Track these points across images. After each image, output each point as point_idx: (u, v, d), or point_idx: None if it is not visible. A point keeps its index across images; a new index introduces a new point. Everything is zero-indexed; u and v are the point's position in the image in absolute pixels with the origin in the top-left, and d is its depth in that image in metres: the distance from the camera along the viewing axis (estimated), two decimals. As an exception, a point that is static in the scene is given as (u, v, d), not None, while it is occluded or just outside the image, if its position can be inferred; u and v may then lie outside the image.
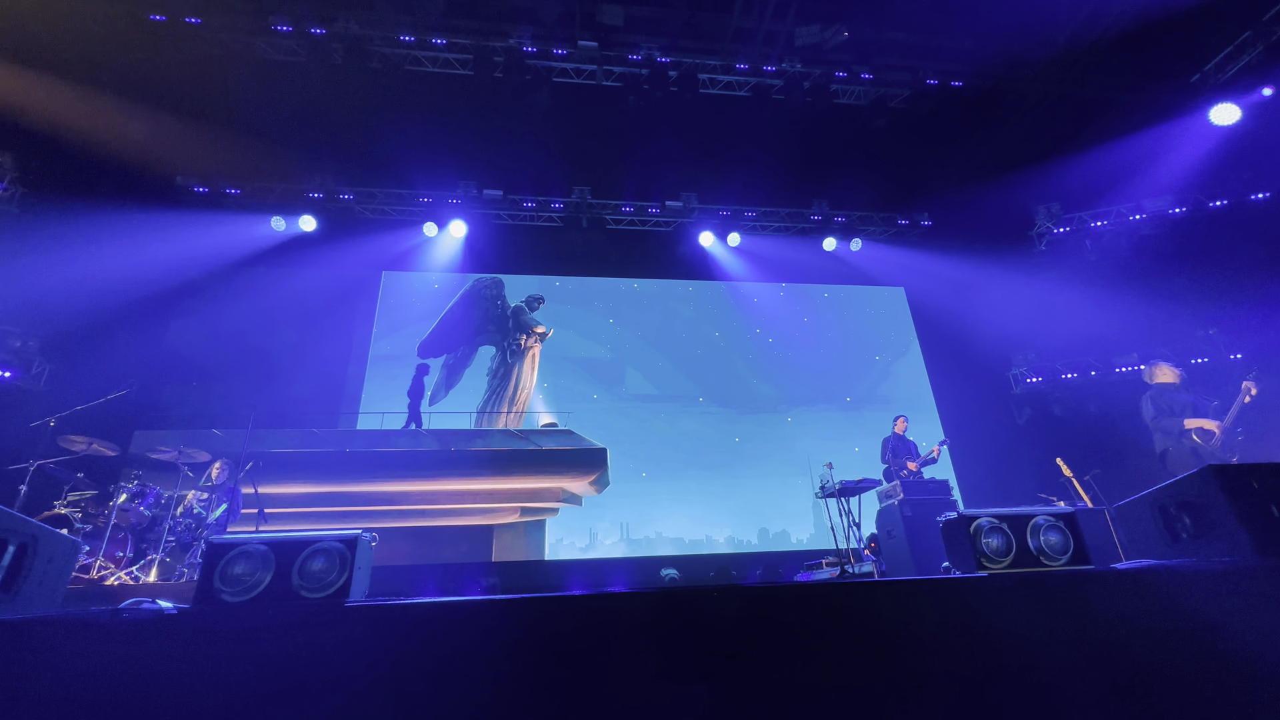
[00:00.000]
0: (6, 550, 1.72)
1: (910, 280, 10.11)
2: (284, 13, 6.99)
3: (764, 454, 8.71)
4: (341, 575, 1.76)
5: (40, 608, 1.87)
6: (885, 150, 8.89)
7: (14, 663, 1.48)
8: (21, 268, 7.21)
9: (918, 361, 9.65)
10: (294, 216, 8.61)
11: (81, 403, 5.58)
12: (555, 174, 8.95)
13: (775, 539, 8.09)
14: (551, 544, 7.77)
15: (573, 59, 7.62)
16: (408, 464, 7.63)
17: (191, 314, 8.31)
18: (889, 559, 5.51)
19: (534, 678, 1.58)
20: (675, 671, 1.68)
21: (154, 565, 4.78)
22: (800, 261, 9.90)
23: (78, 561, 2.15)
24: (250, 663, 1.48)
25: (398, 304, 9.19)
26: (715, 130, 8.60)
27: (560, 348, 9.19)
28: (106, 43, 6.86)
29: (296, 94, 7.59)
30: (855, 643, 1.88)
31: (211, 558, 1.75)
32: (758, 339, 9.63)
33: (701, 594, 1.78)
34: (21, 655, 1.48)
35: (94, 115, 7.26)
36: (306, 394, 8.17)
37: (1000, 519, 2.42)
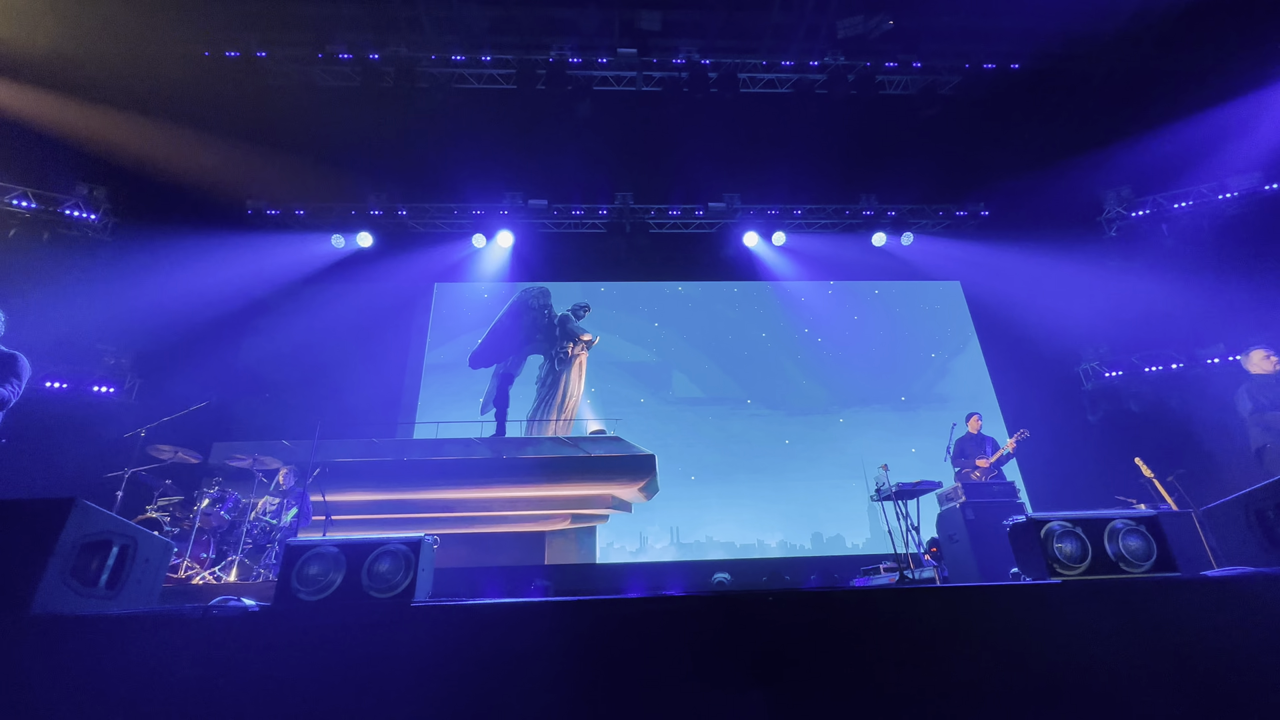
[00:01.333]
0: (111, 551, 1.88)
1: (967, 273, 9.69)
2: (339, 40, 7.37)
3: (815, 456, 8.52)
4: (407, 576, 1.84)
5: (140, 604, 2.03)
6: (937, 140, 8.58)
7: (120, 654, 1.61)
8: (114, 291, 7.84)
9: (977, 358, 9.24)
10: (352, 234, 9.04)
11: (167, 415, 6.01)
12: (598, 181, 9.07)
13: (830, 543, 7.90)
14: (602, 548, 7.83)
15: (613, 66, 7.71)
16: (462, 472, 7.82)
17: (261, 331, 8.82)
18: (951, 565, 5.29)
19: (593, 678, 1.60)
20: (733, 676, 1.67)
21: (234, 566, 5.10)
22: (848, 258, 9.65)
23: (169, 562, 2.32)
24: (327, 658, 1.57)
25: (450, 314, 9.49)
26: (757, 130, 8.52)
27: (606, 353, 9.27)
28: (183, 81, 7.41)
29: (351, 117, 7.98)
30: (918, 651, 1.82)
31: (289, 559, 1.86)
32: (806, 339, 9.45)
33: (757, 598, 1.77)
34: (126, 647, 1.62)
35: (173, 148, 7.84)
36: (366, 404, 8.54)
37: (1074, 523, 2.29)
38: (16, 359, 3.28)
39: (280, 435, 7.12)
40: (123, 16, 6.94)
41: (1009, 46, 7.70)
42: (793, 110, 8.17)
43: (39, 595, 1.67)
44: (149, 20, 7.04)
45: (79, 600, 1.80)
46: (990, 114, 8.26)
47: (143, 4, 6.89)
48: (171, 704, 1.54)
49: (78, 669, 1.58)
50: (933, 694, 1.74)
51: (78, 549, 1.80)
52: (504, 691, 1.56)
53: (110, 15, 6.88)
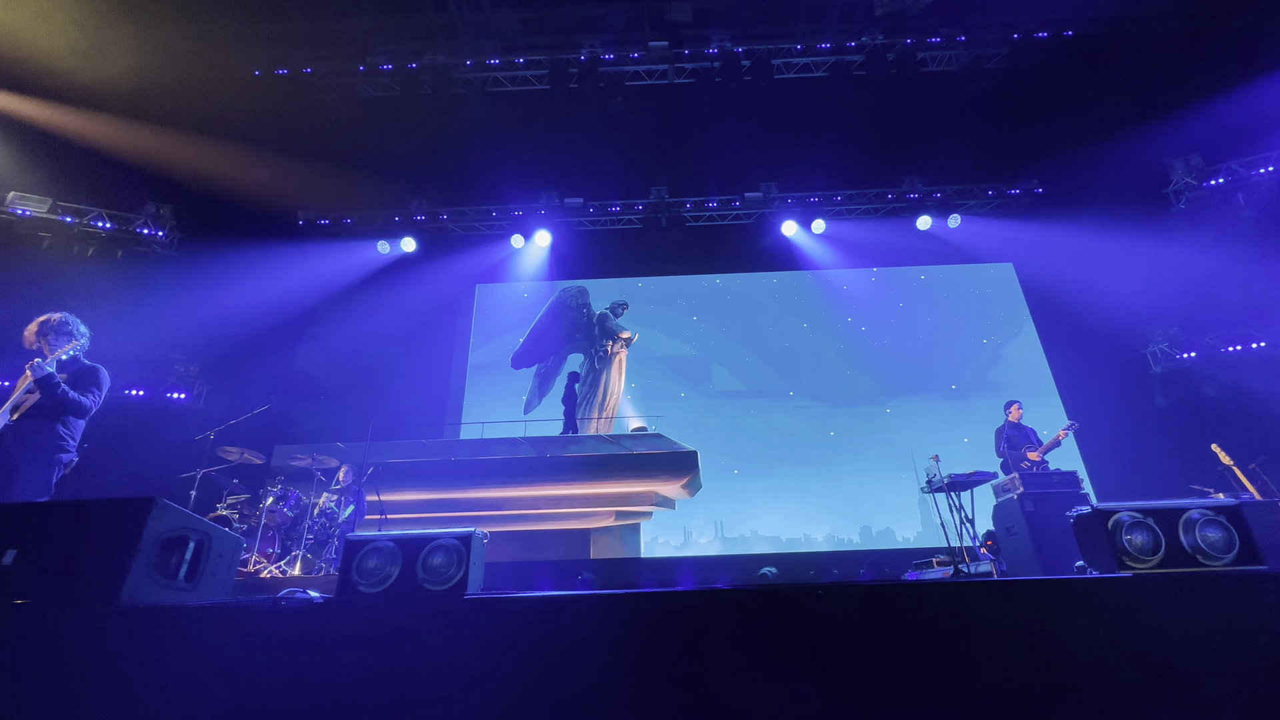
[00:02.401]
0: (188, 546, 2.01)
1: (1020, 254, 9.26)
2: (380, 52, 7.59)
3: (862, 448, 8.33)
4: (460, 570, 1.89)
5: (216, 595, 2.16)
6: (983, 117, 8.21)
7: (198, 641, 1.72)
8: (181, 303, 8.33)
9: (1032, 342, 8.83)
10: (396, 239, 9.33)
11: (233, 418, 6.36)
12: (633, 176, 9.07)
13: (879, 537, 7.72)
14: (646, 543, 7.87)
15: (644, 61, 7.69)
16: (507, 471, 7.92)
17: (314, 338, 9.21)
18: (1010, 558, 5.09)
19: (643, 670, 1.62)
20: (782, 670, 1.65)
21: (298, 560, 5.36)
22: (891, 244, 9.36)
23: (240, 556, 2.46)
24: (387, 648, 1.64)
25: (491, 314, 9.69)
26: (792, 116, 8.34)
27: (646, 348, 9.29)
28: (237, 101, 7.79)
29: (393, 126, 8.22)
30: (976, 647, 1.76)
31: (349, 553, 1.94)
32: (849, 328, 9.23)
33: (805, 591, 1.74)
34: (203, 636, 1.73)
35: (229, 165, 8.26)
36: (415, 406, 8.82)
37: (1145, 513, 2.17)
38: (98, 371, 3.52)
39: (335, 438, 7.40)
40: (180, 44, 7.33)
41: (1062, 13, 7.29)
42: (829, 94, 7.96)
43: (126, 588, 1.80)
44: (203, 45, 7.43)
45: (161, 592, 1.93)
46: (1041, 86, 7.85)
47: (197, 31, 7.27)
48: (245, 689, 1.64)
49: (162, 656, 1.69)
50: (993, 691, 1.68)
51: (159, 544, 1.93)
52: (556, 681, 1.59)
53: (168, 43, 7.29)
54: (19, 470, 3.11)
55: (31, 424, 3.20)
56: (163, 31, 7.18)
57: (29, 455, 3.16)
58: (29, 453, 3.16)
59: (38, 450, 3.19)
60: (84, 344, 3.54)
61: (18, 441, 3.15)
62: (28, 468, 3.14)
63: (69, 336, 3.45)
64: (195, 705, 1.61)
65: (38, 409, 3.21)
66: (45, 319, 3.43)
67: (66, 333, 3.45)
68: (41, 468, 3.18)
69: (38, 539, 1.88)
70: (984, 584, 1.92)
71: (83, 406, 3.33)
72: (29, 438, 3.18)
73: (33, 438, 3.19)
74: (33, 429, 3.20)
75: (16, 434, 3.15)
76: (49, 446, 3.23)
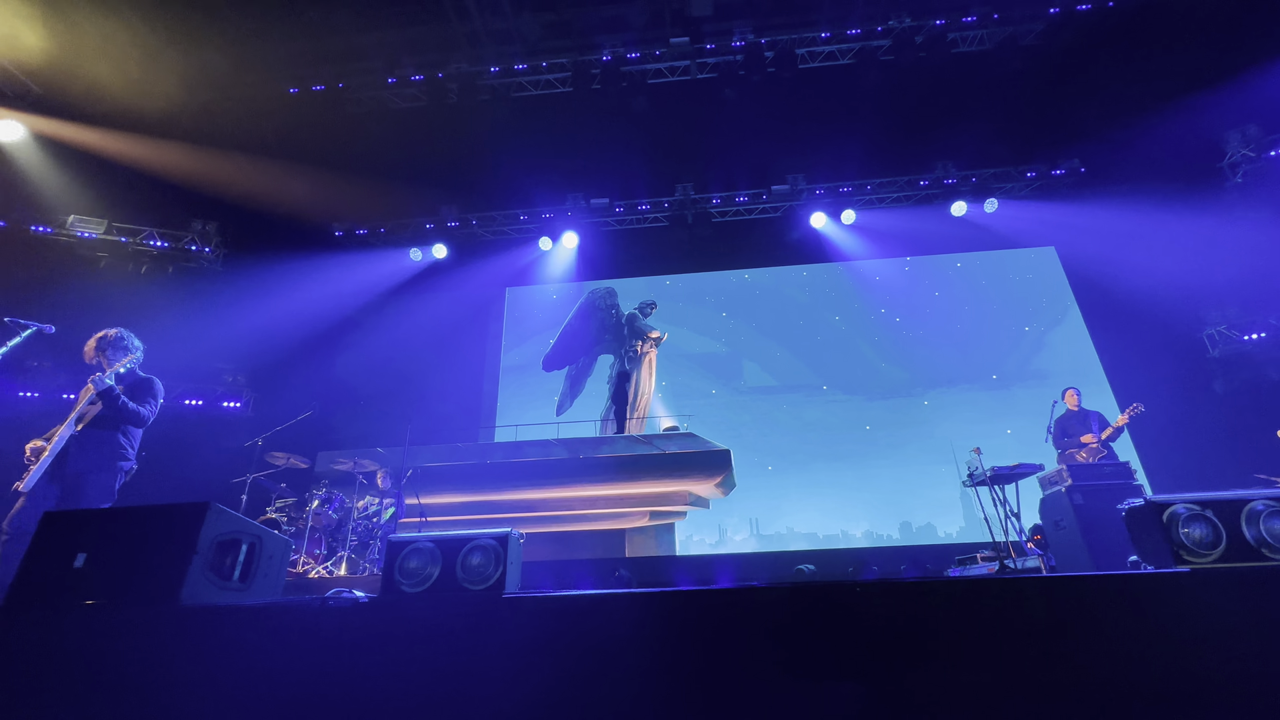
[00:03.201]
0: (241, 548, 2.10)
1: (1062, 238, 8.90)
2: (407, 64, 7.76)
3: (900, 441, 8.14)
4: (497, 569, 1.93)
5: (267, 595, 2.25)
6: (1019, 96, 7.92)
7: (251, 639, 1.80)
8: (228, 315, 8.69)
9: (1078, 329, 8.48)
10: (428, 246, 9.53)
11: (277, 425, 6.60)
12: (658, 174, 9.06)
13: (919, 533, 7.54)
14: (681, 541, 7.86)
15: (665, 58, 7.67)
16: (541, 473, 7.96)
17: (351, 346, 9.48)
18: (1058, 553, 4.90)
19: (681, 668, 1.62)
20: (822, 667, 1.63)
21: (343, 561, 5.54)
22: (925, 232, 9.11)
23: (289, 557, 2.56)
24: (429, 645, 1.68)
25: (522, 317, 9.82)
26: (819, 106, 8.20)
27: (676, 345, 9.27)
28: (273, 119, 8.08)
29: (422, 135, 8.40)
30: (1024, 644, 1.71)
31: (391, 554, 2.00)
32: (883, 319, 9.03)
33: (844, 588, 1.72)
34: (256, 633, 1.81)
35: (268, 181, 8.56)
36: (450, 409, 8.99)
37: (1203, 504, 2.06)
38: (153, 382, 3.71)
39: (374, 443, 7.56)
40: (220, 67, 7.64)
41: (1100, -17, 6.98)
42: (856, 82, 7.80)
43: (185, 588, 1.89)
44: (241, 67, 7.72)
45: (217, 592, 2.02)
46: (1080, 61, 7.53)
47: (235, 54, 7.56)
48: (297, 685, 1.70)
49: (218, 653, 1.78)
50: (1042, 691, 1.63)
51: (214, 547, 2.02)
52: (594, 678, 1.61)
53: (209, 67, 7.60)
54: (85, 477, 3.30)
55: (95, 434, 3.39)
56: (203, 56, 7.49)
57: (94, 463, 3.35)
58: (94, 461, 3.35)
59: (102, 458, 3.38)
60: (139, 356, 3.73)
61: (83, 450, 3.34)
62: (93, 475, 3.33)
63: (125, 350, 3.64)
64: (250, 700, 1.68)
65: (100, 419, 3.40)
66: (103, 335, 3.63)
67: (123, 347, 3.64)
68: (105, 475, 3.37)
69: (104, 543, 1.99)
70: (1032, 580, 1.85)
71: (140, 416, 3.52)
72: (93, 447, 3.37)
73: (97, 447, 3.38)
74: (97, 438, 3.39)
75: (82, 443, 3.35)
76: (112, 455, 3.42)
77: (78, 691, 1.74)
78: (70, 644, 1.81)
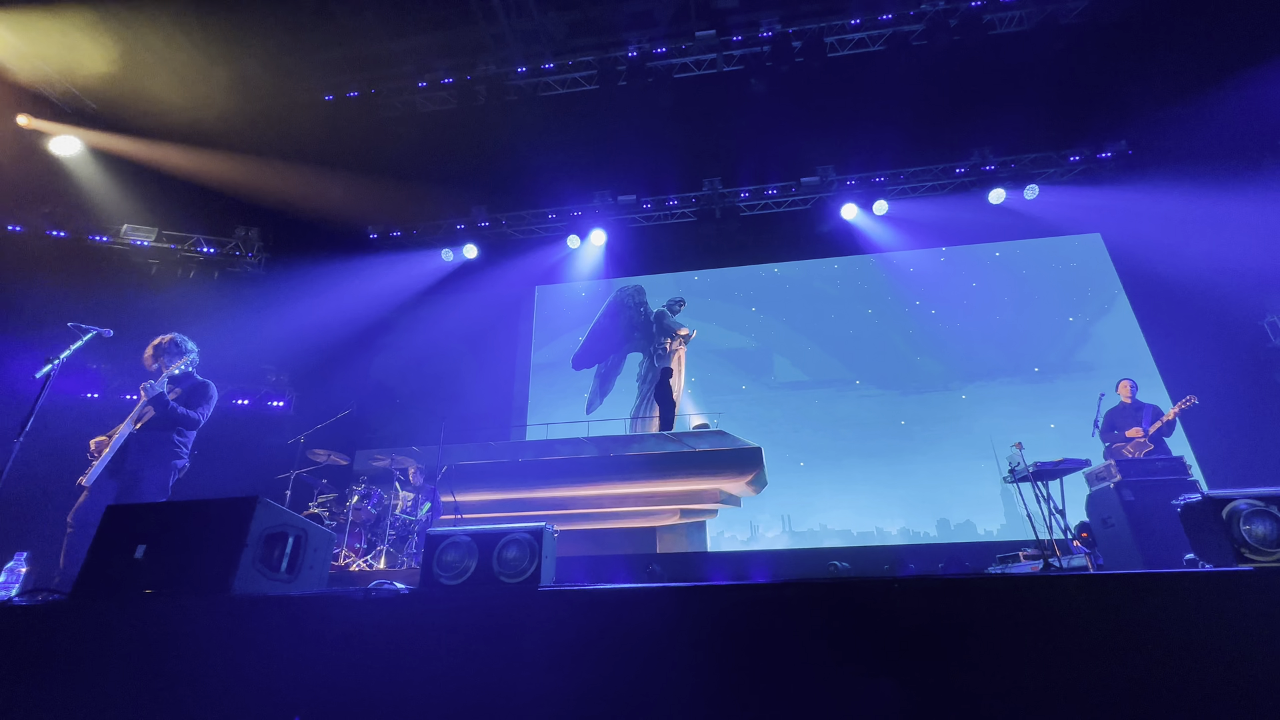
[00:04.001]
0: (288, 541, 2.18)
1: (1109, 223, 8.52)
2: (437, 68, 7.89)
3: (936, 437, 7.95)
4: (532, 563, 1.96)
5: (313, 586, 2.34)
6: (1060, 77, 7.62)
7: (299, 627, 1.87)
8: (270, 318, 9.00)
9: (1126, 318, 8.12)
10: (458, 247, 9.69)
11: (318, 423, 6.81)
12: (685, 169, 9.01)
13: (958, 530, 7.35)
14: (712, 537, 7.83)
15: (691, 51, 7.62)
16: (572, 471, 7.97)
17: (387, 346, 9.71)
18: (1107, 551, 4.72)
19: (715, 663, 1.62)
20: (859, 664, 1.61)
21: (382, 554, 5.70)
22: (961, 221, 8.84)
23: (332, 551, 2.64)
24: (468, 636, 1.72)
25: (551, 315, 9.91)
26: (848, 95, 8.03)
27: (705, 341, 9.23)
28: (309, 126, 8.31)
29: (450, 138, 8.54)
30: (1069, 646, 1.65)
31: (429, 547, 2.05)
32: (918, 312, 8.81)
33: (882, 585, 1.69)
34: (304, 621, 1.87)
35: (306, 187, 8.84)
36: (483, 408, 9.13)
37: (1267, 500, 1.96)
38: (208, 386, 3.88)
39: (410, 442, 7.70)
40: (259, 78, 7.90)
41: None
42: (887, 69, 7.61)
43: (237, 579, 1.98)
44: (278, 77, 7.97)
45: (266, 582, 2.10)
46: (1127, 38, 7.19)
47: (273, 64, 7.80)
48: (343, 671, 1.76)
49: (268, 641, 1.85)
50: (1089, 692, 1.57)
51: (263, 540, 2.11)
52: (629, 671, 1.62)
53: (249, 78, 7.86)
54: (142, 474, 3.48)
55: (151, 434, 3.57)
56: (244, 69, 7.76)
57: (151, 461, 3.53)
58: (150, 459, 3.53)
59: (157, 457, 3.56)
60: (194, 359, 3.91)
61: (141, 450, 3.52)
62: (150, 472, 3.50)
63: (180, 354, 3.83)
64: (299, 686, 1.74)
65: (156, 420, 3.58)
66: (158, 341, 3.82)
67: (177, 351, 3.83)
68: (161, 472, 3.54)
69: (162, 535, 2.09)
70: (1078, 578, 1.79)
71: (191, 420, 3.69)
72: (150, 447, 3.55)
73: (153, 446, 3.56)
74: (153, 439, 3.57)
75: (140, 443, 3.53)
76: (167, 454, 3.59)
77: (139, 675, 1.83)
78: (132, 630, 1.91)
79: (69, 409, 7.78)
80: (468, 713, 1.63)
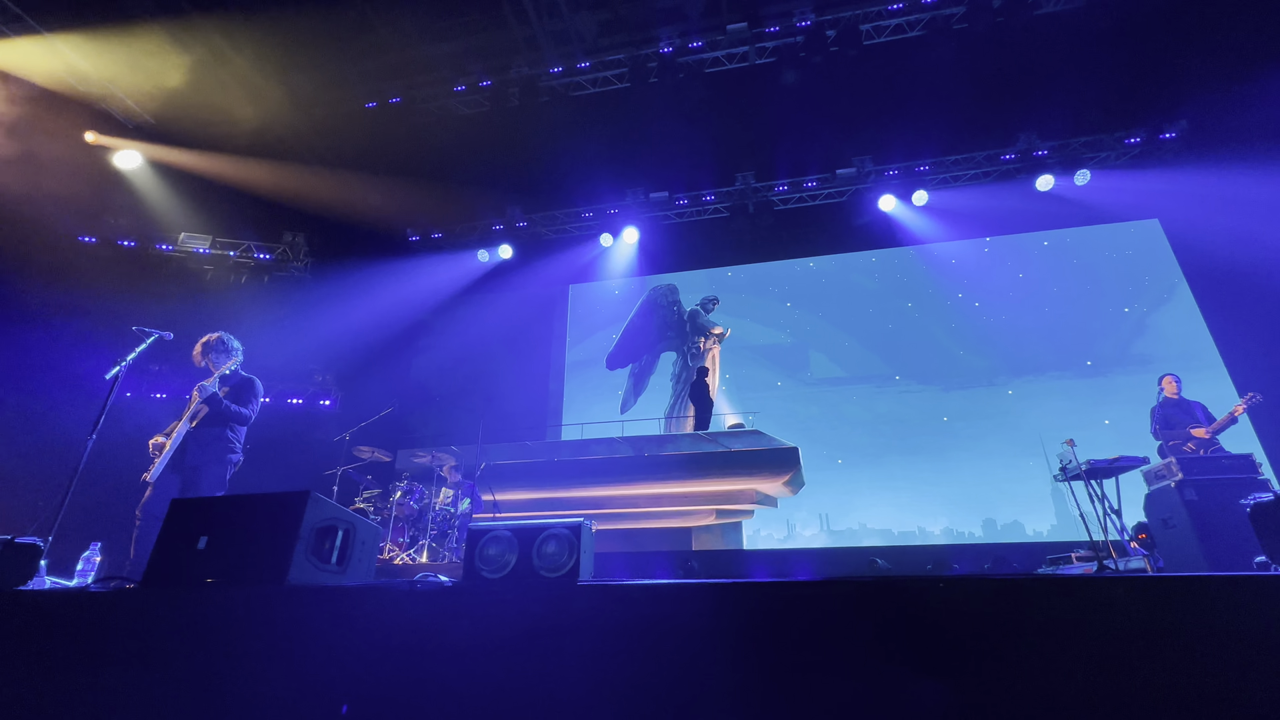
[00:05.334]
0: (338, 534, 2.27)
1: (1167, 208, 8.08)
2: (471, 72, 8.03)
3: (981, 433, 7.70)
4: (571, 558, 1.99)
5: (361, 578, 2.42)
6: (1113, 55, 7.25)
7: (349, 617, 1.94)
8: (316, 320, 9.35)
9: (1187, 308, 7.70)
10: (494, 247, 9.85)
11: (361, 421, 7.04)
12: (718, 165, 8.95)
13: (1005, 530, 7.11)
14: (749, 536, 7.77)
15: (722, 45, 7.55)
16: (607, 470, 7.95)
17: (427, 349, 9.95)
18: (1167, 553, 4.50)
19: (755, 660, 1.61)
20: (902, 665, 1.58)
21: (425, 549, 5.85)
22: (1006, 209, 8.52)
23: (378, 544, 2.73)
24: (509, 628, 1.75)
25: (585, 313, 9.99)
26: (886, 84, 7.83)
27: (739, 337, 9.16)
28: (350, 133, 8.58)
29: (484, 140, 8.68)
30: (1130, 651, 1.58)
31: (471, 541, 2.10)
32: (960, 304, 8.54)
33: (926, 584, 1.65)
34: (353, 612, 1.94)
35: (348, 193, 9.13)
36: (519, 407, 9.26)
37: (1348, 501, 1.83)
38: (254, 382, 4.06)
39: (449, 441, 7.81)
40: (303, 88, 8.19)
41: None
42: (926, 54, 7.38)
43: (292, 569, 2.06)
44: (321, 87, 8.24)
45: (318, 574, 2.19)
46: (1185, 8, 6.79)
47: (318, 74, 8.07)
48: (392, 661, 1.82)
49: (322, 630, 1.92)
50: (1149, 701, 1.50)
51: (314, 533, 2.19)
52: (668, 666, 1.63)
53: (294, 88, 8.16)
54: (201, 469, 3.67)
55: (207, 430, 3.76)
56: (289, 81, 8.06)
57: (208, 457, 3.72)
58: (208, 455, 3.72)
59: (214, 453, 3.75)
60: (240, 358, 4.09)
61: (199, 446, 3.72)
62: (208, 468, 3.69)
63: (227, 353, 4.01)
64: (348, 675, 1.81)
65: (211, 418, 3.77)
66: (206, 339, 4.00)
67: (224, 350, 4.01)
68: (219, 467, 3.73)
69: (222, 527, 2.20)
70: (1139, 580, 1.71)
71: (243, 416, 3.88)
72: (207, 443, 3.74)
73: (210, 443, 3.75)
74: (209, 435, 3.76)
75: (197, 439, 3.72)
76: (223, 449, 3.78)
77: (202, 659, 1.93)
78: (195, 617, 2.01)
79: (136, 408, 8.25)
80: (512, 706, 1.67)
